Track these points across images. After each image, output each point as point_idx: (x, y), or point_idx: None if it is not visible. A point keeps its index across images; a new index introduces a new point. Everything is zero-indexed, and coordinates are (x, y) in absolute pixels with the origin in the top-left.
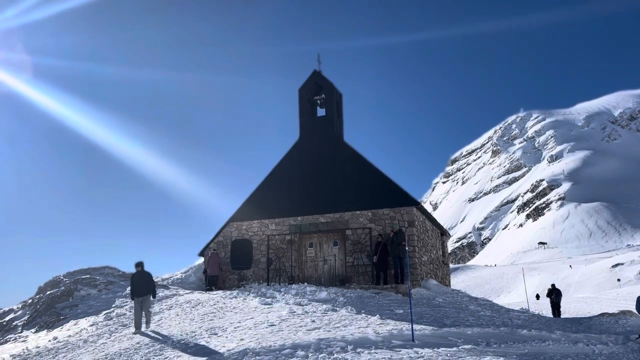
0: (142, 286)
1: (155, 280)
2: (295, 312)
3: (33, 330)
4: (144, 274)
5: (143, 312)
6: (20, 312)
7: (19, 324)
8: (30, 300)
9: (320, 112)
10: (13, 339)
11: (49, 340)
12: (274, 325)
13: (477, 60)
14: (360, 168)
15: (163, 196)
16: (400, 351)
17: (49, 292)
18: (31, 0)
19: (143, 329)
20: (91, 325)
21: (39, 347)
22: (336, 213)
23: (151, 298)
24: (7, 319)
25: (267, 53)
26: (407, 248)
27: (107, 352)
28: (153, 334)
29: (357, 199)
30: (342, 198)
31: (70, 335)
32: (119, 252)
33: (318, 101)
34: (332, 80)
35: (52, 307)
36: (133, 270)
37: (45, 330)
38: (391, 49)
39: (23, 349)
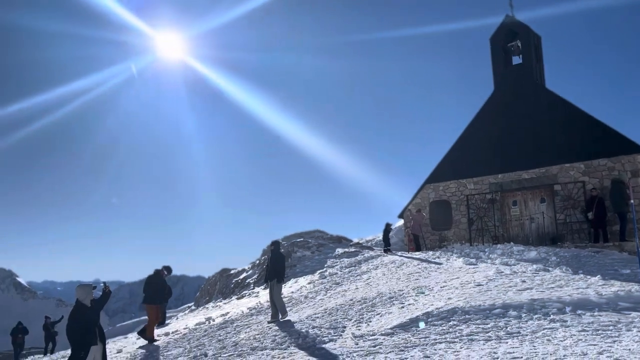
0: (271, 270)
1: (360, 241)
2: (502, 272)
3: (262, 287)
4: (277, 255)
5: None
6: (250, 271)
7: (251, 281)
8: (257, 261)
9: (516, 59)
10: (247, 294)
11: None
12: (481, 285)
13: None
14: (567, 115)
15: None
16: (629, 314)
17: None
18: (224, 4)
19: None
20: (309, 283)
21: (268, 302)
22: (541, 168)
23: (277, 283)
24: (241, 277)
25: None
26: (632, 201)
27: (326, 307)
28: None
29: (566, 151)
30: (548, 151)
31: (292, 292)
32: (323, 215)
33: (512, 48)
34: (527, 22)
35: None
36: (338, 232)
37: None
38: None
39: (257, 303)
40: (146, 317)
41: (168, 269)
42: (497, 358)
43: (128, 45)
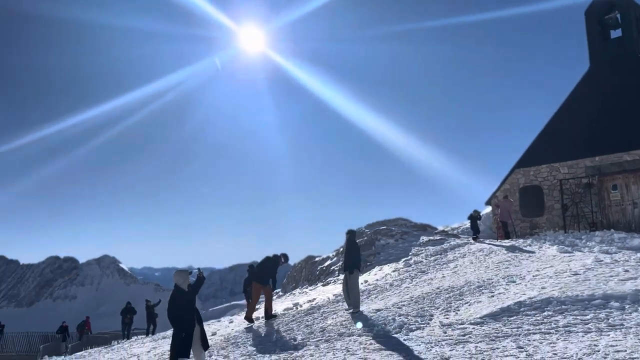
0: (346, 260)
1: (445, 229)
2: (602, 260)
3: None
4: (352, 245)
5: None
6: (335, 258)
7: (335, 268)
8: (341, 249)
9: (615, 33)
10: (332, 281)
11: (361, 283)
12: (578, 274)
13: None
14: None
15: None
16: None
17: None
18: None
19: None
20: (394, 271)
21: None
22: None
23: (351, 274)
24: (325, 264)
25: None
26: None
27: (412, 295)
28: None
29: None
30: None
31: (377, 279)
32: (406, 204)
33: (610, 21)
34: None
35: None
36: (422, 221)
37: None
38: None
39: (342, 290)
40: (256, 299)
41: (285, 257)
42: (598, 351)
43: (213, 41)
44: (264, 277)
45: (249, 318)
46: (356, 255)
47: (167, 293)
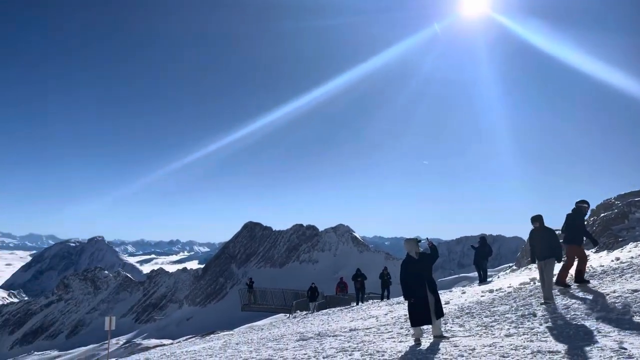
0: (544, 248)
1: None
2: None
3: (592, 250)
4: (548, 231)
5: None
6: None
7: None
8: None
9: None
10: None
11: (612, 260)
12: None
13: None
14: None
15: None
16: None
17: (602, 215)
18: None
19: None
20: None
21: (602, 265)
22: None
23: (556, 263)
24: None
25: None
26: None
27: None
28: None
29: None
30: None
31: (632, 257)
32: None
33: None
34: None
35: (608, 229)
36: None
37: (606, 250)
38: None
39: (588, 267)
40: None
41: (586, 202)
42: None
43: (432, 7)
44: (574, 235)
45: (562, 283)
46: (557, 242)
47: (397, 262)
